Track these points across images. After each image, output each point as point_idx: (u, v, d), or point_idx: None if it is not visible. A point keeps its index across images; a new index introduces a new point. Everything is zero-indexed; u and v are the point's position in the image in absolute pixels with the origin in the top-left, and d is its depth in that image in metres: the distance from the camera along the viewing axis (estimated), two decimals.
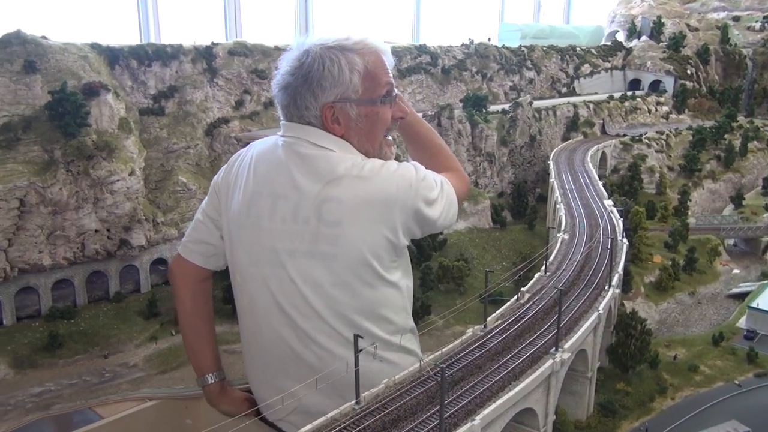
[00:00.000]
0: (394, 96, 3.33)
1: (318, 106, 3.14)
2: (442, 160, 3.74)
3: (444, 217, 3.45)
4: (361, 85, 3.13)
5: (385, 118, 3.29)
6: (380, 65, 3.20)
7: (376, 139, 3.29)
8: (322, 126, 3.20)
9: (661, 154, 69.01)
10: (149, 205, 39.77)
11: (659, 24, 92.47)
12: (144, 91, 43.66)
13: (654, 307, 43.12)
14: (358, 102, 3.13)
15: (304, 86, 3.11)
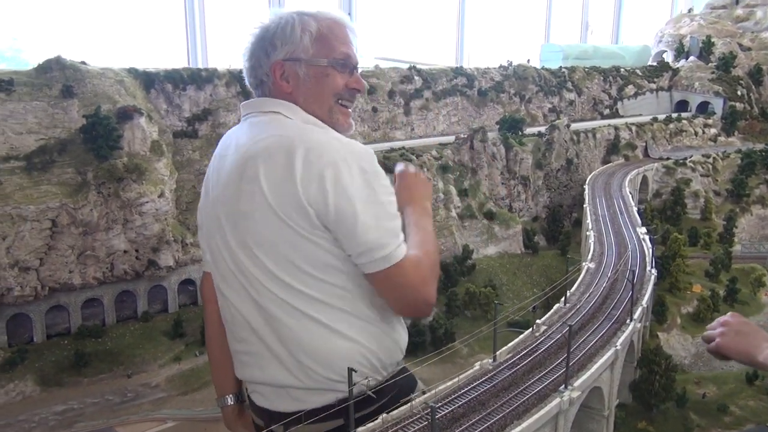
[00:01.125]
0: (352, 66, 3.21)
1: (269, 63, 3.11)
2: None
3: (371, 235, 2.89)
4: (312, 46, 3.08)
5: (335, 83, 3.15)
6: (337, 32, 3.17)
7: (324, 101, 3.16)
8: (272, 83, 3.15)
9: (707, 178, 66.71)
10: (179, 227, 40.50)
11: (709, 44, 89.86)
12: (179, 114, 44.70)
13: (690, 339, 41.34)
14: (308, 62, 3.08)
15: (258, 45, 3.14)
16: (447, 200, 48.86)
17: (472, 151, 53.60)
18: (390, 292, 2.93)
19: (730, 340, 2.61)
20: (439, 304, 41.47)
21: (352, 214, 2.77)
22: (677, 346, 40.48)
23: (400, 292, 2.90)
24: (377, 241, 2.79)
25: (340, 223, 2.81)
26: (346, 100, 3.25)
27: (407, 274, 2.85)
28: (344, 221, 2.80)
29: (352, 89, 3.24)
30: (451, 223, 47.59)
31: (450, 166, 51.74)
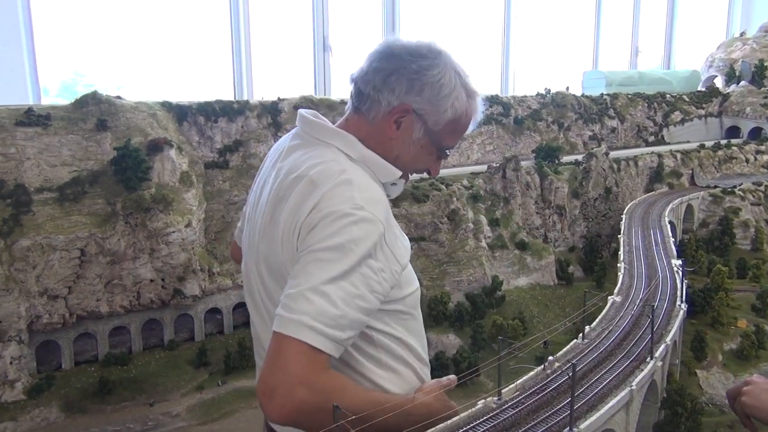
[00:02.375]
0: (447, 155, 3.04)
1: (401, 98, 2.79)
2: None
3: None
4: (445, 124, 2.84)
5: (428, 163, 2.99)
6: (466, 122, 2.95)
7: (410, 168, 2.97)
8: (381, 115, 2.84)
9: (758, 207, 63.70)
10: (207, 256, 41.10)
11: (762, 68, 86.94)
12: (210, 146, 45.69)
13: (732, 378, 39.05)
14: (428, 132, 2.84)
15: (406, 71, 2.77)
16: (477, 230, 48.11)
17: (504, 180, 52.81)
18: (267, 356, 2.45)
19: (755, 399, 2.48)
20: (464, 336, 40.59)
21: (302, 267, 2.44)
22: (717, 385, 38.33)
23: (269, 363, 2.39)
24: (291, 301, 2.39)
25: (296, 264, 2.51)
26: (414, 173, 3.07)
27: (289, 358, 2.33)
28: (296, 265, 2.49)
29: (426, 170, 3.06)
30: (481, 253, 46.78)
31: (481, 196, 51.06)
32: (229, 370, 37.52)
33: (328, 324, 2.35)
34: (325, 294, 2.36)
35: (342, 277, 2.40)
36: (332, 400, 2.39)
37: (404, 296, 2.80)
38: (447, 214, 47.08)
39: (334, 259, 2.41)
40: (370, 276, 2.46)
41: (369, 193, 2.58)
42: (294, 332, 2.31)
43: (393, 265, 2.56)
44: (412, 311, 2.90)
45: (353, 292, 2.42)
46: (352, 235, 2.43)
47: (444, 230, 46.63)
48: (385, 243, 2.52)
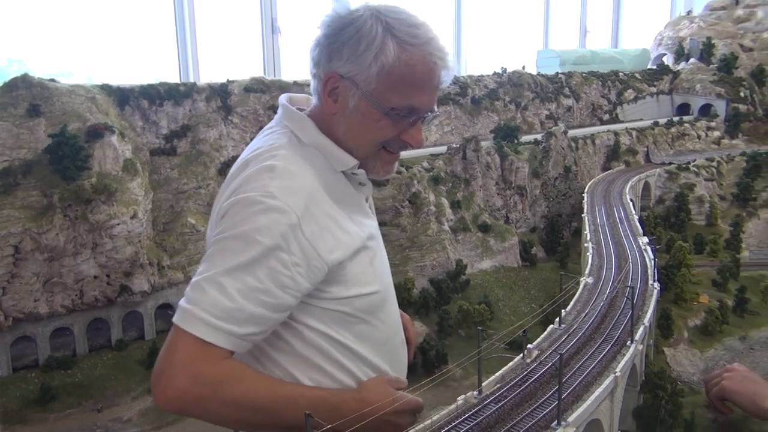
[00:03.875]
0: (414, 118, 2.55)
1: (326, 68, 2.53)
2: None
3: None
4: (376, 80, 2.44)
5: (383, 132, 2.56)
6: (416, 75, 2.45)
7: (364, 143, 2.59)
8: (321, 98, 2.60)
9: (712, 182, 64.46)
10: (155, 249, 38.53)
11: (709, 45, 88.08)
12: (156, 131, 42.88)
13: (699, 354, 38.97)
14: (363, 95, 2.47)
15: (327, 39, 2.53)
16: (439, 213, 46.74)
17: (464, 161, 51.55)
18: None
19: (737, 383, 2.49)
20: (430, 323, 39.24)
21: (208, 255, 2.36)
22: (685, 362, 38.11)
23: (162, 351, 2.27)
24: (190, 290, 2.28)
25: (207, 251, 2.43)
26: (394, 148, 2.70)
27: (177, 347, 2.24)
28: (206, 252, 2.41)
29: (403, 142, 2.67)
30: (444, 237, 45.44)
31: (442, 178, 49.68)
32: None
33: (220, 317, 2.24)
34: (221, 285, 2.25)
35: (243, 269, 2.28)
36: (222, 392, 2.26)
37: (349, 296, 2.57)
38: (408, 198, 45.52)
39: (237, 248, 2.30)
40: (280, 270, 2.31)
41: (289, 182, 2.41)
42: (183, 323, 2.23)
43: (313, 261, 2.37)
44: (363, 316, 2.64)
45: (255, 285, 2.29)
46: (258, 224, 2.30)
47: (406, 214, 45.09)
48: (303, 236, 2.34)
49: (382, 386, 2.67)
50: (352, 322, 2.61)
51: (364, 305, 2.62)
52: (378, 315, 2.70)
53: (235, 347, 2.30)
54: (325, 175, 2.55)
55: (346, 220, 2.55)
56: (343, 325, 2.60)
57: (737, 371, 2.62)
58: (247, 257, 2.27)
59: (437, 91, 2.60)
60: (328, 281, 2.47)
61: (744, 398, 2.49)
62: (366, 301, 2.62)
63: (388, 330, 2.77)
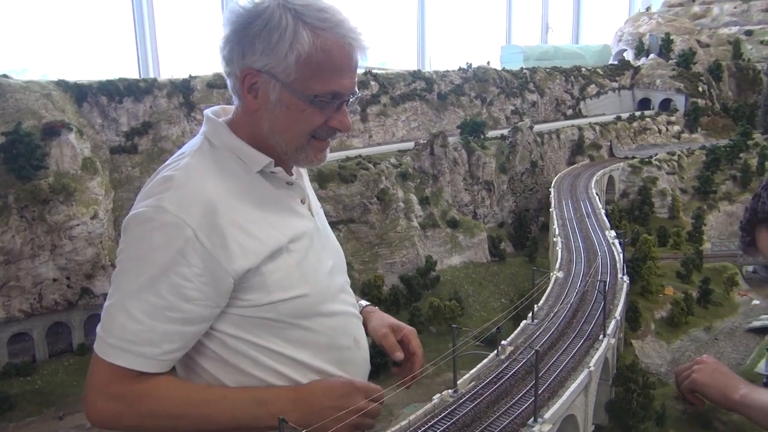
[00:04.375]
0: (338, 103, 2.50)
1: (242, 64, 2.45)
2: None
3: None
4: (295, 69, 2.39)
5: (311, 120, 2.49)
6: (334, 60, 2.43)
7: (292, 135, 2.50)
8: (240, 96, 2.52)
9: (673, 176, 65.61)
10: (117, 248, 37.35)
11: (668, 41, 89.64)
12: (116, 129, 41.61)
13: (666, 346, 39.52)
14: (284, 86, 2.41)
15: (235, 35, 2.45)
16: (408, 209, 46.47)
17: (432, 157, 51.38)
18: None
19: (707, 376, 2.51)
20: (401, 320, 38.79)
21: (113, 278, 2.35)
22: (653, 354, 38.60)
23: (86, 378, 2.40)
24: (102, 316, 2.35)
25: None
26: (323, 136, 2.59)
27: (94, 371, 2.35)
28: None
29: (332, 128, 2.57)
30: (413, 233, 45.20)
31: (410, 174, 49.41)
32: None
33: (132, 340, 2.27)
34: (127, 309, 2.26)
35: (145, 289, 2.26)
36: (138, 406, 2.33)
37: (272, 302, 2.47)
38: (376, 194, 45.13)
39: (135, 270, 2.28)
40: (181, 284, 2.29)
41: (185, 193, 2.33)
42: (98, 350, 2.32)
43: (216, 271, 2.32)
44: (292, 321, 2.53)
45: (159, 303, 2.27)
46: (152, 242, 2.27)
47: (374, 211, 44.69)
48: (201, 246, 2.29)
49: (334, 388, 2.59)
50: (280, 327, 2.56)
51: (290, 310, 2.55)
52: (313, 319, 2.63)
53: (153, 368, 2.32)
54: (236, 178, 2.48)
55: (259, 225, 2.48)
56: (270, 331, 2.54)
57: (707, 364, 2.63)
58: (146, 277, 2.25)
59: (356, 72, 2.57)
60: (244, 289, 2.43)
61: (713, 390, 2.51)
62: (293, 305, 2.55)
63: (330, 333, 2.68)
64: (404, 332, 2.98)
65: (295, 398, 2.53)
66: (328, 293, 2.70)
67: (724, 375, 2.57)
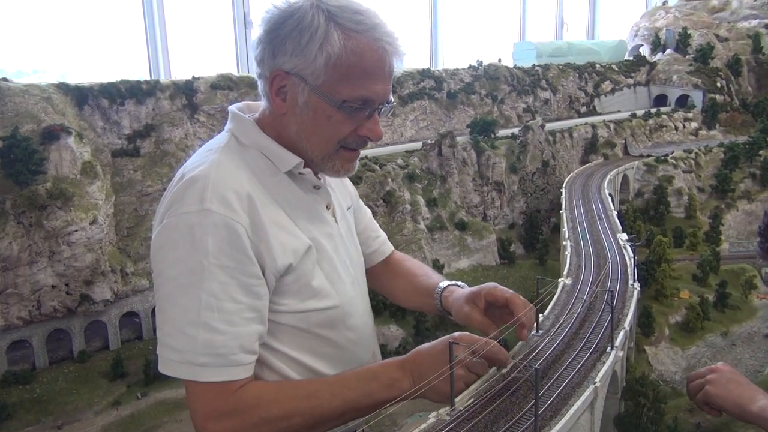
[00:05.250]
0: (370, 111, 2.44)
1: (271, 66, 2.43)
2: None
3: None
4: (324, 72, 2.33)
5: (339, 129, 2.43)
6: (366, 64, 2.36)
7: (319, 142, 2.44)
8: (269, 98, 2.50)
9: (690, 174, 64.02)
10: (118, 255, 36.92)
11: (685, 36, 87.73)
12: (117, 132, 41.15)
13: (681, 352, 38.30)
14: (313, 89, 2.36)
15: (269, 35, 2.43)
16: (414, 211, 45.56)
17: (440, 157, 50.40)
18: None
19: (722, 387, 2.37)
20: (407, 326, 38.12)
21: (165, 297, 2.23)
22: (667, 361, 37.44)
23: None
24: (162, 338, 2.23)
25: (157, 291, 2.31)
26: (352, 145, 2.54)
27: (194, 399, 2.23)
28: (157, 293, 2.28)
29: (362, 136, 2.52)
30: (420, 236, 44.29)
31: (417, 175, 48.49)
32: (150, 380, 33.68)
33: (222, 353, 2.18)
34: (205, 324, 2.15)
35: (217, 298, 2.17)
36: (250, 417, 2.25)
37: (306, 310, 2.44)
38: (382, 197, 44.26)
39: (196, 282, 2.16)
40: (251, 283, 2.23)
41: (222, 188, 2.24)
42: (188, 375, 2.21)
43: (264, 267, 2.27)
44: (319, 331, 2.50)
45: (236, 308, 2.20)
46: (209, 248, 2.15)
47: (380, 213, 43.82)
48: (254, 244, 2.22)
49: (435, 345, 2.55)
50: (308, 337, 2.49)
51: (321, 320, 2.49)
52: (339, 331, 2.57)
53: (248, 373, 2.26)
54: (265, 177, 2.41)
55: (291, 225, 2.39)
56: (297, 341, 2.49)
57: (721, 373, 2.50)
58: (214, 286, 2.15)
59: (390, 79, 2.46)
60: (280, 292, 2.36)
61: (729, 403, 2.37)
62: (324, 316, 2.49)
63: (351, 347, 2.63)
64: (483, 294, 2.76)
65: (402, 362, 2.47)
66: (353, 305, 2.62)
67: (741, 385, 2.42)
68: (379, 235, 3.39)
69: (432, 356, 2.51)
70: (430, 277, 3.24)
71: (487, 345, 2.60)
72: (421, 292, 3.18)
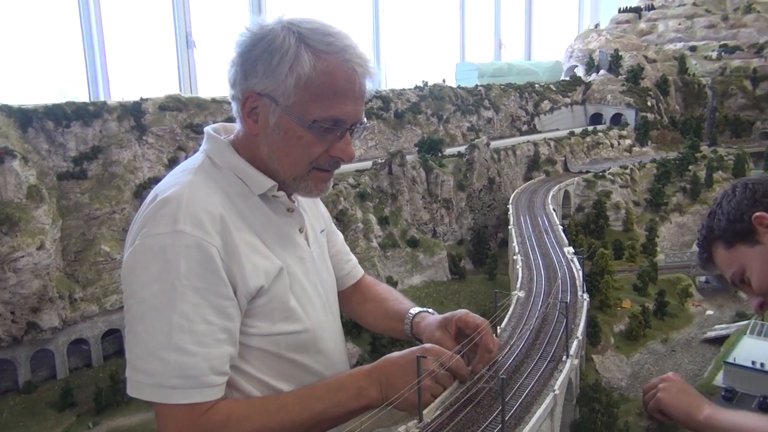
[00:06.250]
0: (341, 132, 2.43)
1: (244, 87, 2.43)
2: None
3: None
4: (294, 93, 2.34)
5: (310, 150, 2.41)
6: (336, 84, 2.35)
7: (291, 163, 2.43)
8: (240, 114, 2.49)
9: (626, 189, 66.91)
10: (66, 280, 35.92)
11: (617, 57, 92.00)
12: (63, 154, 40.20)
13: (625, 359, 39.91)
14: (283, 110, 2.36)
15: (241, 57, 2.45)
16: (367, 230, 46.10)
17: (390, 176, 51.22)
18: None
19: (672, 396, 2.50)
20: (363, 344, 38.41)
21: (137, 318, 2.19)
22: (613, 368, 38.93)
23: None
24: (133, 361, 2.20)
25: (128, 312, 2.27)
26: (325, 166, 2.51)
27: (162, 422, 2.20)
28: (128, 314, 2.24)
29: (334, 157, 2.49)
30: (373, 254, 44.81)
31: (368, 194, 49.10)
32: (101, 408, 32.80)
33: (194, 375, 2.16)
34: (175, 346, 2.13)
35: (189, 320, 2.16)
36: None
37: (276, 333, 2.42)
38: (335, 216, 44.59)
39: (168, 304, 2.14)
40: (224, 304, 2.22)
41: (195, 209, 2.24)
42: (159, 397, 2.16)
43: (236, 288, 2.27)
44: (288, 355, 2.48)
45: (207, 329, 2.19)
46: (181, 270, 2.15)
47: None
48: (226, 265, 2.22)
49: (404, 355, 2.55)
50: (278, 361, 2.50)
51: (291, 344, 2.50)
52: (309, 355, 2.58)
53: (219, 394, 2.24)
54: (238, 199, 2.40)
55: (263, 248, 2.40)
56: (267, 364, 2.50)
57: (672, 383, 2.61)
58: (186, 307, 2.15)
59: (362, 100, 2.47)
60: (251, 315, 2.36)
61: (678, 411, 2.50)
62: (293, 339, 2.50)
63: (321, 370, 2.64)
64: (455, 320, 2.82)
65: (370, 371, 2.48)
66: (324, 329, 2.64)
67: (688, 395, 2.55)
68: (351, 259, 3.36)
69: (400, 366, 2.51)
70: (401, 303, 3.29)
71: (453, 358, 2.61)
72: (392, 316, 3.22)
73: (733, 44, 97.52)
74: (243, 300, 2.31)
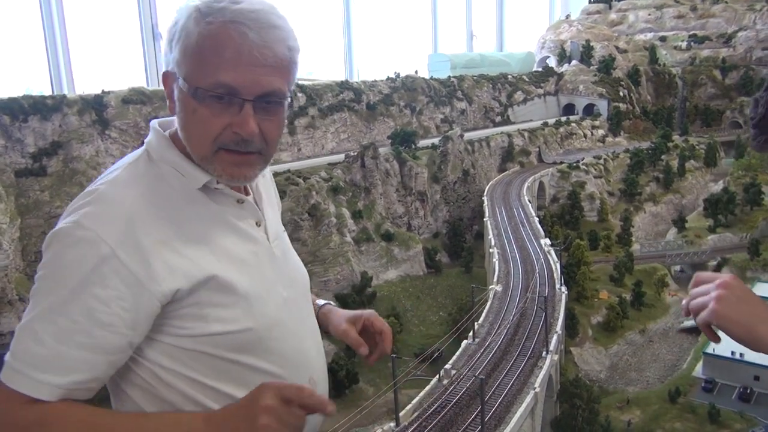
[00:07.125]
0: (239, 103, 2.03)
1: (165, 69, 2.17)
2: None
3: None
4: (184, 61, 2.08)
5: (205, 123, 2.07)
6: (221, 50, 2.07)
7: (193, 139, 2.12)
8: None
9: (600, 179, 66.88)
10: (26, 281, 34.32)
11: (588, 48, 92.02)
12: (21, 150, 38.41)
13: (604, 351, 39.58)
14: (179, 83, 2.10)
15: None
16: (340, 224, 45.09)
17: (363, 169, 50.24)
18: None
19: (731, 307, 1.89)
20: (338, 342, 37.42)
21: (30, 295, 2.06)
22: (591, 360, 38.59)
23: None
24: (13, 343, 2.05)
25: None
26: (230, 145, 2.12)
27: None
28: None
29: (236, 134, 2.10)
30: (347, 249, 43.83)
31: (341, 187, 48.08)
32: None
33: (33, 365, 1.98)
34: (34, 331, 2.00)
35: (54, 310, 2.01)
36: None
37: (210, 334, 2.17)
38: (307, 210, 43.56)
39: (47, 289, 2.03)
40: (95, 307, 2.02)
41: (105, 207, 2.06)
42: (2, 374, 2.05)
43: (139, 292, 2.05)
44: (231, 356, 2.22)
45: (69, 327, 2.01)
46: (65, 259, 2.03)
47: (305, 227, 43.09)
48: (122, 265, 2.02)
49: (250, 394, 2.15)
50: (220, 363, 2.19)
51: (230, 344, 2.18)
52: (258, 356, 2.24)
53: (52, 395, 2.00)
54: (173, 194, 2.11)
55: (195, 246, 2.09)
56: (209, 366, 2.19)
57: (731, 289, 1.99)
58: (57, 298, 1.99)
59: (264, 68, 2.00)
60: (180, 316, 2.08)
61: (737, 326, 1.88)
62: (231, 339, 2.19)
63: (278, 372, 2.25)
64: (363, 319, 2.54)
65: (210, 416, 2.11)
66: (278, 328, 2.28)
67: (752, 304, 1.96)
68: None
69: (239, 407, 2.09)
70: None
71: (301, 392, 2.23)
72: None
73: (702, 34, 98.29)
74: (153, 304, 2.05)
